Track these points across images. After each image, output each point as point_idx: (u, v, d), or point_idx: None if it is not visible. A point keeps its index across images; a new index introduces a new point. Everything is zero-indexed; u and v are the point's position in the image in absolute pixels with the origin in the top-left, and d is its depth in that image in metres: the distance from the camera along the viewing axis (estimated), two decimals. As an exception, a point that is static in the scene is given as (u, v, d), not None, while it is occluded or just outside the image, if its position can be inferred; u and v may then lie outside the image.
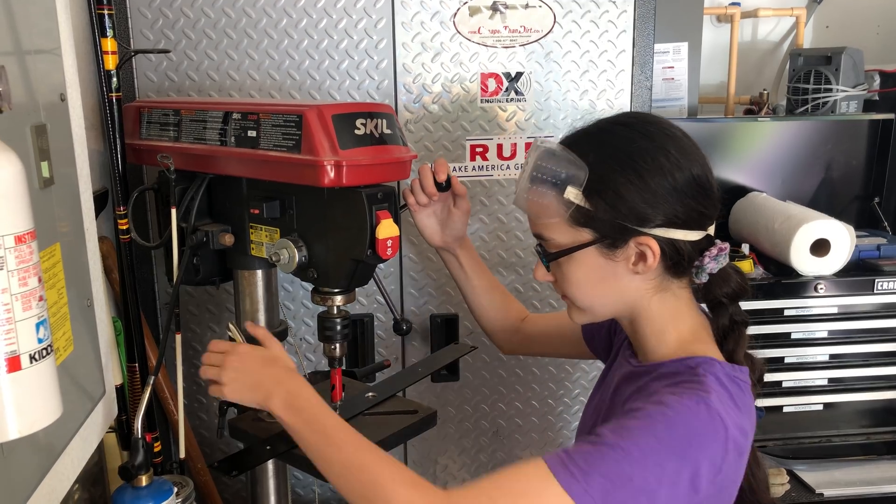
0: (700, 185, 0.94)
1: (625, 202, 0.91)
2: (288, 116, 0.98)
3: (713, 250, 0.95)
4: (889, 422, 1.83)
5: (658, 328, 0.98)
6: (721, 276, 0.97)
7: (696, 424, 0.85)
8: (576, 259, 0.95)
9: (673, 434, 0.84)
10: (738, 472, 0.92)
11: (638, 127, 0.95)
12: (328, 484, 1.57)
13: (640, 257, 0.93)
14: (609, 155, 0.93)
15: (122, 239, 1.15)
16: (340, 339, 1.08)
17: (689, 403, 0.86)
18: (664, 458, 0.83)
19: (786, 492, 1.68)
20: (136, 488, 1.03)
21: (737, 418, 0.89)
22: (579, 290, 0.97)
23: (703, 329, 0.99)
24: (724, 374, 0.92)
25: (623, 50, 1.49)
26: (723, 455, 0.87)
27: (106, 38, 1.09)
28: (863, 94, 2.12)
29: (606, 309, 1.00)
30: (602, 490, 0.82)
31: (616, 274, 0.94)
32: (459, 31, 1.43)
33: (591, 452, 0.85)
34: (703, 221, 0.96)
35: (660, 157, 0.92)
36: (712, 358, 0.94)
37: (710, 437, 0.85)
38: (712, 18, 2.42)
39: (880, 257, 1.82)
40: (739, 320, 0.99)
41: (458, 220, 1.24)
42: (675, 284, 0.97)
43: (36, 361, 0.63)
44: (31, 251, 0.63)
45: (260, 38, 1.38)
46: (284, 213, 1.05)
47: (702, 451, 0.85)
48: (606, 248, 0.93)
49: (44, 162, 0.85)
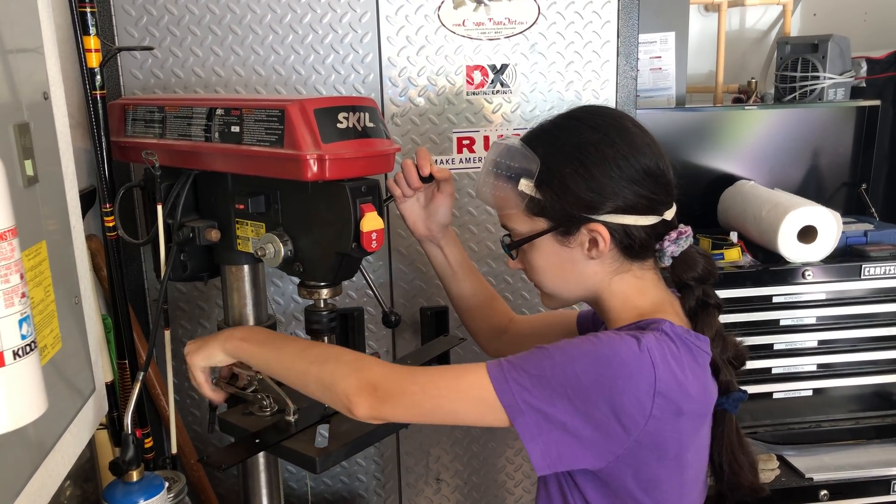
0: (649, 173, 0.97)
1: (571, 192, 0.97)
2: (270, 111, 0.98)
3: (672, 234, 0.99)
4: (878, 406, 1.85)
5: (620, 304, 1.02)
6: (685, 259, 1.01)
7: (621, 352, 0.89)
8: (536, 247, 1.02)
9: (598, 353, 0.89)
10: (679, 433, 0.93)
11: (587, 120, 1.01)
12: (321, 477, 1.60)
13: (593, 243, 0.98)
14: (557, 148, 0.99)
15: (109, 236, 1.16)
16: (328, 332, 1.09)
17: (621, 337, 0.91)
18: (582, 369, 0.88)
19: (776, 477, 1.70)
20: (127, 483, 1.03)
21: (676, 372, 0.91)
22: (543, 276, 1.04)
23: (669, 305, 1.02)
24: (672, 333, 0.94)
25: (608, 40, 1.49)
26: (650, 395, 0.88)
27: (89, 35, 1.09)
28: (850, 81, 2.13)
29: (571, 293, 1.05)
30: (518, 381, 0.90)
31: (573, 260, 1.00)
32: (444, 24, 1.43)
33: (523, 355, 0.92)
34: (656, 207, 0.99)
35: (604, 148, 0.97)
36: (665, 319, 0.96)
37: (634, 367, 0.88)
38: (700, 8, 2.42)
39: (867, 243, 1.84)
40: (713, 303, 1.02)
41: (442, 205, 1.23)
42: (635, 266, 1.01)
43: (19, 358, 0.64)
44: (11, 248, 0.64)
45: (245, 34, 1.39)
46: (269, 207, 1.06)
47: (624, 380, 0.88)
48: (561, 235, 0.99)
49: (27, 160, 0.85)
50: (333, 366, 0.98)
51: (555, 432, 0.89)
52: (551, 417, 0.89)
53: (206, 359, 1.08)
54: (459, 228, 1.53)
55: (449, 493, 1.67)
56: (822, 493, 1.70)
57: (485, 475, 1.67)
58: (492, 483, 1.67)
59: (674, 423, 0.91)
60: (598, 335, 0.92)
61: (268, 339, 1.06)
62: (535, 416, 0.89)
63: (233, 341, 1.06)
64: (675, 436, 0.93)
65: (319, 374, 0.98)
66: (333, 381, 0.96)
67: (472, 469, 1.66)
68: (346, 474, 1.62)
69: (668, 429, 0.91)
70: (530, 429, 0.89)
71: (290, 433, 1.08)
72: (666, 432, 0.91)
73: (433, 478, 1.66)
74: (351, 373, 0.96)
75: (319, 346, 1.06)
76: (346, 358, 1.00)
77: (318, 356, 1.01)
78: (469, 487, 1.67)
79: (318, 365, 0.99)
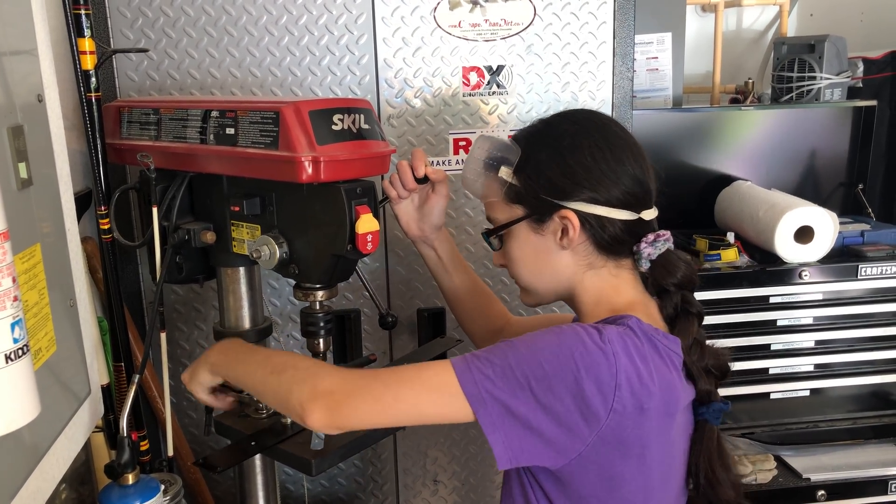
0: (623, 167, 0.99)
1: (544, 176, 1.00)
2: (265, 113, 0.98)
3: (650, 236, 0.99)
4: (875, 406, 1.85)
5: (593, 300, 1.02)
6: (665, 264, 0.99)
7: (584, 342, 0.89)
8: (513, 236, 1.04)
9: (560, 344, 0.89)
10: (641, 429, 0.91)
11: (569, 115, 1.05)
12: (318, 479, 1.59)
13: (564, 232, 0.99)
14: (537, 138, 1.03)
15: (104, 239, 1.15)
16: (324, 334, 1.09)
17: (585, 328, 0.91)
18: (545, 358, 0.88)
19: (773, 477, 1.70)
20: (123, 486, 1.03)
21: (639, 366, 0.90)
22: (520, 267, 1.06)
23: (642, 305, 1.00)
24: (639, 329, 0.93)
25: (604, 41, 1.49)
26: (612, 385, 0.87)
27: (83, 38, 1.09)
28: (846, 81, 2.13)
29: (546, 287, 1.05)
30: (481, 371, 0.89)
31: (548, 249, 1.01)
32: (440, 26, 1.43)
33: (488, 348, 0.93)
34: (631, 202, 0.99)
35: (581, 139, 1.00)
36: (633, 315, 0.96)
37: (596, 357, 0.88)
38: (696, 8, 2.43)
39: (864, 243, 1.84)
40: (693, 311, 1.00)
41: (436, 206, 1.22)
42: (610, 263, 1.01)
43: (12, 361, 0.64)
44: (3, 251, 0.63)
45: (241, 36, 1.39)
46: (265, 209, 1.06)
47: (586, 369, 0.87)
48: (535, 222, 1.01)
49: (21, 163, 0.85)
50: (291, 373, 0.96)
51: (517, 426, 0.88)
52: (514, 410, 0.88)
53: (200, 384, 1.08)
54: (456, 230, 1.53)
55: (446, 495, 1.67)
56: (820, 494, 1.70)
57: (482, 476, 1.66)
58: (489, 484, 1.67)
59: (635, 418, 0.90)
60: (562, 327, 0.92)
61: (237, 352, 1.06)
62: (498, 408, 0.88)
63: (211, 358, 1.07)
64: (637, 432, 0.91)
65: (276, 384, 0.96)
66: (289, 389, 0.94)
67: (469, 470, 1.65)
68: (343, 476, 1.62)
69: (630, 424, 0.90)
70: (493, 420, 0.88)
71: (286, 435, 1.08)
72: (628, 428, 0.90)
73: (430, 479, 1.65)
74: (305, 379, 0.93)
75: (280, 356, 1.03)
76: (302, 365, 0.98)
77: (275, 366, 0.98)
78: (466, 489, 1.67)
79: (276, 375, 0.97)
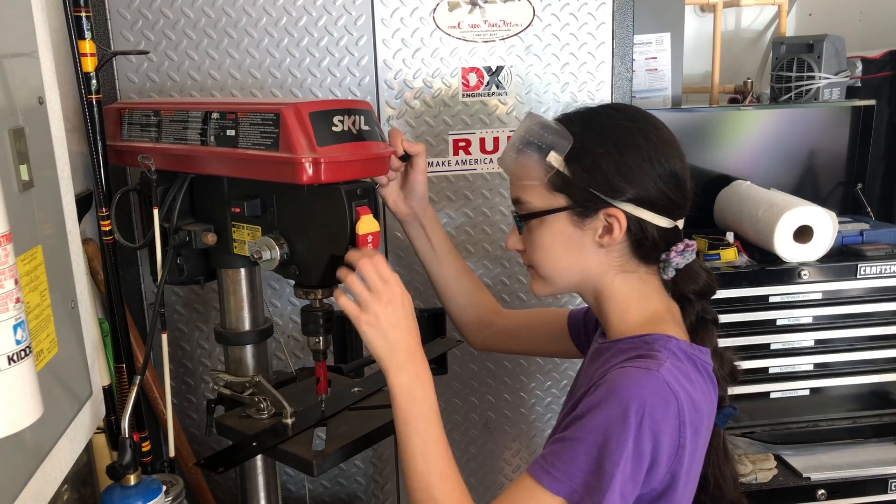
0: (673, 174, 0.98)
1: (600, 171, 0.96)
2: (266, 115, 0.98)
3: (679, 245, 0.99)
4: (875, 405, 1.85)
5: (622, 306, 1.01)
6: (688, 273, 1.01)
7: (644, 397, 0.87)
8: (547, 224, 1.00)
9: (626, 411, 0.87)
10: (696, 448, 0.94)
11: (625, 111, 1.02)
12: (319, 480, 1.60)
13: (607, 230, 0.97)
14: (593, 129, 0.99)
15: (105, 240, 1.16)
16: (324, 332, 1.09)
17: (637, 377, 0.89)
18: (623, 437, 0.86)
19: (773, 476, 1.70)
20: (125, 487, 1.03)
21: (691, 393, 0.91)
22: (545, 256, 1.02)
23: (670, 314, 1.01)
24: (679, 350, 0.95)
25: (603, 42, 1.50)
26: (679, 427, 0.89)
27: (84, 40, 1.09)
28: (845, 80, 2.14)
29: (567, 280, 1.03)
30: (583, 482, 0.87)
31: (582, 244, 0.99)
32: (439, 27, 1.44)
33: (563, 451, 0.89)
34: (673, 210, 0.99)
35: (639, 138, 0.97)
36: (670, 335, 0.96)
37: (661, 408, 0.88)
38: (695, 8, 2.43)
39: (863, 243, 1.84)
40: (710, 318, 1.02)
41: (417, 180, 1.21)
42: (641, 269, 1.01)
43: (14, 363, 0.64)
44: (6, 254, 0.64)
45: (240, 38, 1.39)
46: (265, 211, 1.06)
47: (657, 424, 0.87)
48: (577, 215, 0.98)
49: (22, 165, 0.85)
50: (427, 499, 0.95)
51: None
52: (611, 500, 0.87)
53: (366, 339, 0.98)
54: (455, 231, 1.53)
55: (447, 495, 1.67)
56: (820, 493, 1.70)
57: (482, 477, 1.67)
58: (490, 484, 1.67)
59: (693, 440, 0.92)
60: (615, 382, 0.89)
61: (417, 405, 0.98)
62: None
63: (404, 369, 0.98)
64: (695, 454, 0.94)
65: (415, 494, 0.96)
66: None
67: (469, 471, 1.66)
68: (344, 476, 1.62)
69: (691, 447, 0.92)
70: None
71: (287, 436, 1.08)
72: (691, 455, 0.93)
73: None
74: None
75: (440, 462, 0.96)
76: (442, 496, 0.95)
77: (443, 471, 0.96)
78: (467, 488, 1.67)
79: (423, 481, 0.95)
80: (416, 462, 0.96)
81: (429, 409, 0.98)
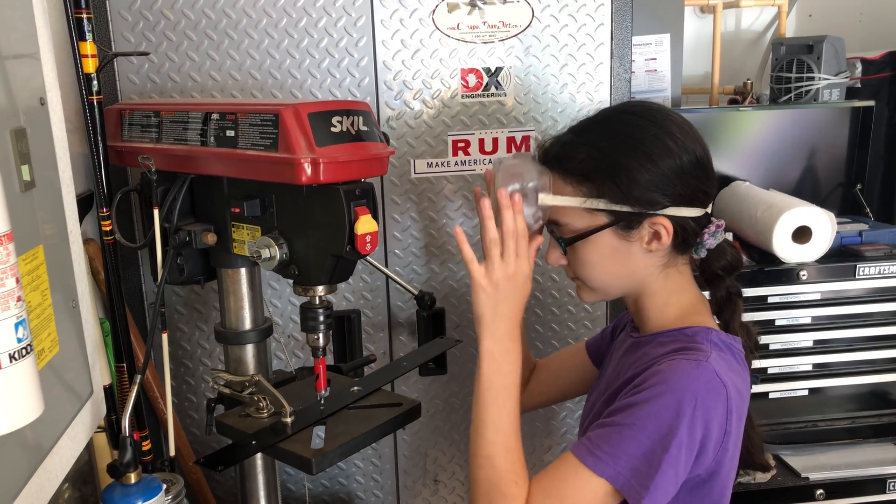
0: (702, 165, 1.00)
1: (638, 186, 0.96)
2: (265, 116, 0.99)
3: (711, 227, 1.01)
4: (873, 405, 1.85)
5: (662, 302, 1.03)
6: (717, 250, 1.03)
7: (697, 388, 0.89)
8: (592, 241, 1.00)
9: (680, 401, 0.89)
10: (739, 433, 0.97)
11: (644, 114, 1.01)
12: (318, 479, 1.60)
13: (655, 236, 0.98)
14: (621, 141, 0.98)
15: (106, 240, 1.16)
16: (323, 328, 1.10)
17: (689, 369, 0.91)
18: (676, 425, 0.88)
19: (772, 476, 1.71)
20: (125, 486, 1.04)
21: (737, 383, 0.94)
22: (594, 271, 1.02)
23: (702, 303, 1.05)
24: (720, 341, 0.97)
25: (601, 43, 1.50)
26: (726, 415, 0.92)
27: (85, 41, 1.10)
28: (845, 81, 2.14)
29: (618, 288, 1.05)
30: (630, 467, 0.89)
31: (630, 253, 1.00)
32: (438, 28, 1.44)
33: (611, 435, 0.90)
34: (705, 199, 1.01)
35: (667, 141, 0.97)
36: (709, 327, 0.99)
37: (712, 398, 0.90)
38: (695, 9, 2.43)
39: (862, 243, 1.84)
40: (735, 292, 1.05)
41: None
42: (679, 260, 1.03)
43: (16, 361, 0.65)
44: (7, 253, 0.64)
45: (240, 39, 1.40)
46: (265, 211, 1.07)
47: (708, 413, 0.89)
48: (622, 229, 0.98)
49: (24, 165, 0.86)
50: (488, 467, 0.98)
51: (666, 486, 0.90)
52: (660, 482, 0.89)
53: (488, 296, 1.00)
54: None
55: (446, 495, 1.68)
56: (819, 493, 1.70)
57: (482, 476, 1.67)
58: (489, 484, 1.67)
59: (738, 427, 0.95)
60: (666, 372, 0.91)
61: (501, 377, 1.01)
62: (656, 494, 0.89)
63: (500, 341, 1.01)
64: (737, 437, 0.97)
65: (477, 460, 1.00)
66: (477, 482, 0.99)
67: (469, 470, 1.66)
68: (343, 475, 1.63)
69: (736, 433, 0.95)
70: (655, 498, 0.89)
71: (286, 434, 1.08)
72: (736, 439, 0.96)
73: (430, 479, 1.66)
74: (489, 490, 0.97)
75: (510, 437, 1.00)
76: (503, 467, 0.97)
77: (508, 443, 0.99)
78: (466, 489, 1.67)
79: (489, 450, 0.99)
80: (487, 430, 0.99)
81: (510, 385, 1.01)
